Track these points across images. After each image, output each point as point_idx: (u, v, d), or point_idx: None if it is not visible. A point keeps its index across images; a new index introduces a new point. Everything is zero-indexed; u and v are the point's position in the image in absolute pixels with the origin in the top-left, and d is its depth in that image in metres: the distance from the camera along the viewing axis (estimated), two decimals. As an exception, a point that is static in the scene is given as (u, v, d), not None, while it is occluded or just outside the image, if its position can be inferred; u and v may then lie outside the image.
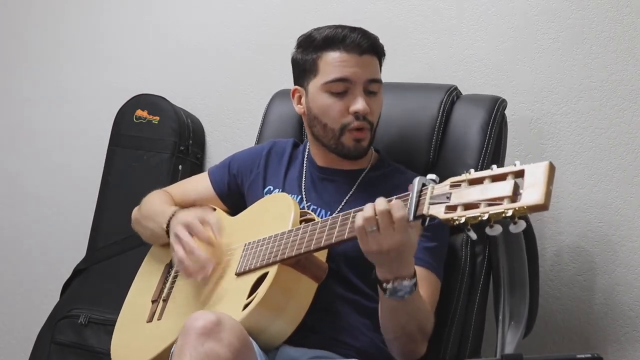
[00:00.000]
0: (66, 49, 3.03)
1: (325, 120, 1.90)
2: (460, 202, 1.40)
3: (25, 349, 2.78)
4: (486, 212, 1.34)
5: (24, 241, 3.05)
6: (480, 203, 1.36)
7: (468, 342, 2.01)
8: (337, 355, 1.80)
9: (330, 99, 1.88)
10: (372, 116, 1.90)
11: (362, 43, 1.88)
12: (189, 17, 2.84)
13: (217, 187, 2.12)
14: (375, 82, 1.90)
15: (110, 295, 2.50)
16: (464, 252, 2.00)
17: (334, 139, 1.91)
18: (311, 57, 1.91)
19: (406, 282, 1.61)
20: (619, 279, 2.21)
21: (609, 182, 2.24)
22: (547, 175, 1.32)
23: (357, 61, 1.87)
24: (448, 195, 1.43)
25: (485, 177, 1.39)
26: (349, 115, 1.87)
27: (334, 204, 1.93)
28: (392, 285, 1.61)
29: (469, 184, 1.41)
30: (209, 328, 1.56)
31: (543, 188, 1.31)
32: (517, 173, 1.35)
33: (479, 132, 2.07)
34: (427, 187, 1.50)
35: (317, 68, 1.90)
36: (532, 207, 1.31)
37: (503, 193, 1.34)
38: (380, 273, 1.63)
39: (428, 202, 1.47)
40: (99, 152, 2.80)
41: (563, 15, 2.31)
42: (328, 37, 1.89)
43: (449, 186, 1.45)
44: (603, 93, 2.26)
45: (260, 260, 1.78)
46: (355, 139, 1.89)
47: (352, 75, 1.87)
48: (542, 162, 1.33)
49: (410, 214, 1.50)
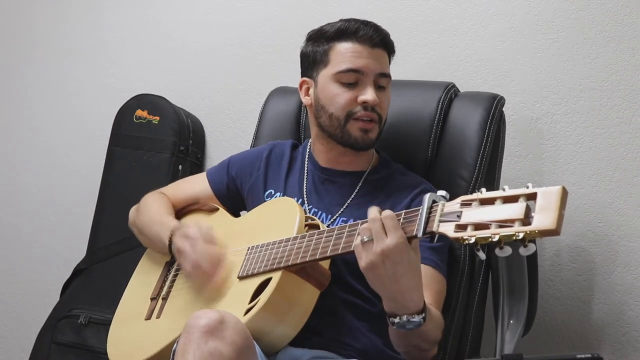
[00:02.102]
0: (66, 49, 3.03)
1: (331, 109, 1.90)
2: (471, 222, 1.38)
3: (25, 349, 2.78)
4: (497, 234, 1.33)
5: (24, 241, 3.05)
6: (491, 224, 1.35)
7: (467, 342, 2.01)
8: (338, 355, 1.79)
9: (340, 88, 1.89)
10: (380, 109, 1.90)
11: (374, 36, 1.90)
12: (189, 17, 2.84)
13: (216, 188, 2.11)
14: (385, 77, 1.91)
15: (110, 295, 2.49)
16: (462, 252, 1.99)
17: (339, 127, 1.90)
18: (322, 48, 1.92)
19: (415, 319, 1.58)
20: (618, 279, 2.21)
21: (609, 182, 2.24)
22: (560, 200, 1.30)
23: (369, 53, 1.89)
24: (458, 214, 1.42)
25: (497, 198, 1.38)
26: (357, 105, 1.88)
27: (334, 208, 1.93)
28: (399, 320, 1.58)
29: (480, 204, 1.40)
30: (212, 326, 1.55)
31: (555, 213, 1.30)
32: (529, 195, 1.34)
33: (478, 130, 2.07)
34: (437, 204, 1.48)
35: (329, 58, 1.91)
36: (543, 232, 1.30)
37: (515, 215, 1.33)
38: (387, 306, 1.59)
39: (438, 219, 1.45)
40: (99, 152, 2.80)
41: (563, 15, 2.31)
42: (341, 28, 1.91)
43: (459, 204, 1.43)
44: (603, 93, 2.26)
45: (263, 265, 1.77)
46: (362, 129, 1.89)
47: (364, 67, 1.88)
48: (555, 187, 1.32)
49: (419, 230, 1.48)
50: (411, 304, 1.57)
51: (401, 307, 1.57)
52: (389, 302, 1.59)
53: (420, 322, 1.58)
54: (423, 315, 1.58)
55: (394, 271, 1.53)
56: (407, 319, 1.58)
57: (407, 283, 1.55)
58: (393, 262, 1.52)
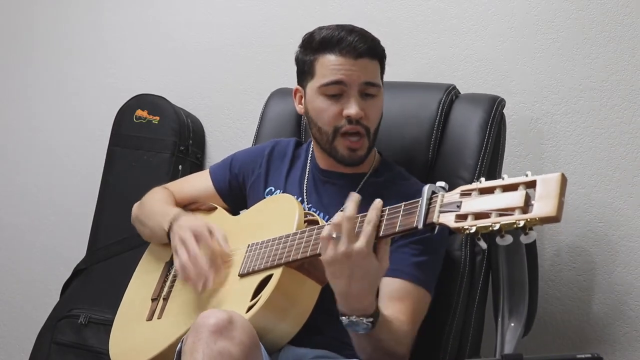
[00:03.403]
0: (66, 49, 3.03)
1: (319, 123, 1.89)
2: (471, 211, 1.38)
3: (25, 349, 2.78)
4: (497, 222, 1.32)
5: (24, 241, 3.05)
6: (491, 213, 1.34)
7: (468, 342, 2.01)
8: (340, 355, 1.80)
9: (325, 102, 1.86)
10: (367, 120, 1.86)
11: (358, 46, 1.84)
12: (189, 17, 2.84)
13: (219, 185, 2.11)
14: (372, 85, 1.87)
15: (110, 295, 2.49)
16: (463, 252, 1.99)
17: (327, 142, 1.89)
18: (309, 59, 1.90)
19: (362, 321, 1.59)
20: (618, 279, 2.21)
21: (609, 182, 2.24)
22: (559, 187, 1.30)
23: (352, 64, 1.84)
24: (458, 204, 1.41)
25: (496, 187, 1.37)
26: (343, 119, 1.85)
27: (333, 208, 1.91)
28: (348, 320, 1.60)
29: (480, 193, 1.39)
30: (221, 326, 1.55)
31: (555, 200, 1.29)
32: (528, 183, 1.34)
33: (478, 132, 2.07)
34: (437, 194, 1.47)
35: (314, 70, 1.88)
36: (544, 219, 1.29)
37: (514, 203, 1.33)
38: (339, 304, 1.61)
39: (438, 210, 1.45)
40: (99, 152, 2.80)
41: (563, 15, 2.31)
42: (325, 39, 1.86)
43: (459, 195, 1.43)
44: (603, 93, 2.26)
45: (264, 262, 1.76)
46: (349, 148, 1.87)
47: (346, 78, 1.84)
48: (554, 174, 1.32)
49: (420, 221, 1.48)
50: (359, 306, 1.59)
51: (350, 307, 1.59)
52: (340, 299, 1.60)
53: (367, 326, 1.60)
54: (371, 320, 1.59)
55: (351, 272, 1.54)
56: (355, 320, 1.59)
57: (360, 287, 1.56)
58: (353, 264, 1.54)
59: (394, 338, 1.70)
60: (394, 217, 1.55)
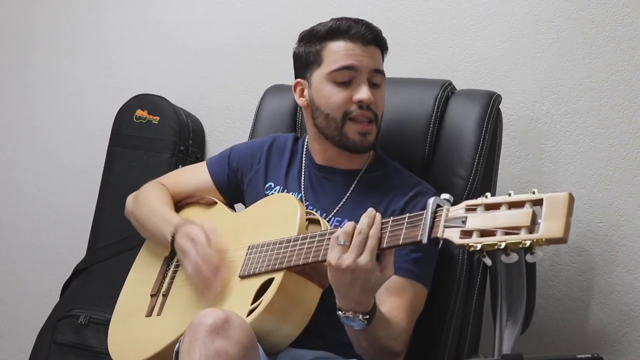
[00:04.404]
0: (66, 49, 3.03)
1: (327, 110, 1.89)
2: (476, 228, 1.36)
3: (25, 349, 2.78)
4: (503, 241, 1.31)
5: (24, 241, 3.05)
6: (496, 230, 1.33)
7: (466, 341, 2.01)
8: (340, 357, 1.80)
9: (334, 88, 1.88)
10: (376, 107, 1.89)
11: (366, 34, 1.89)
12: (189, 17, 2.84)
13: (217, 179, 2.10)
14: (379, 74, 1.90)
15: (110, 295, 2.47)
16: (460, 251, 1.99)
17: (337, 129, 1.89)
18: (315, 49, 1.91)
19: (359, 318, 1.61)
20: (618, 279, 2.21)
21: (609, 182, 2.24)
22: (566, 207, 1.28)
23: (362, 50, 1.88)
24: (463, 219, 1.40)
25: (502, 203, 1.35)
26: (353, 104, 1.87)
27: (329, 206, 1.92)
28: (344, 315, 1.62)
29: (485, 209, 1.38)
30: (218, 325, 1.56)
31: (562, 220, 1.27)
32: (535, 201, 1.32)
33: (475, 128, 2.07)
34: (442, 208, 1.46)
35: (322, 58, 1.90)
36: (550, 240, 1.28)
37: (521, 222, 1.31)
38: (337, 300, 1.62)
39: (443, 225, 1.43)
40: (99, 152, 2.80)
41: (563, 15, 2.31)
42: (333, 27, 1.90)
43: (464, 209, 1.41)
44: (603, 93, 2.26)
45: (265, 265, 1.76)
46: (360, 132, 1.88)
47: (358, 63, 1.87)
48: (562, 193, 1.30)
49: (424, 236, 1.47)
50: (358, 306, 1.60)
51: (349, 305, 1.61)
52: (338, 297, 1.62)
53: (363, 323, 1.61)
54: (368, 317, 1.61)
55: (354, 279, 1.56)
56: (351, 316, 1.61)
57: (361, 293, 1.58)
58: (357, 276, 1.56)
59: (390, 334, 1.71)
60: (397, 229, 1.54)
